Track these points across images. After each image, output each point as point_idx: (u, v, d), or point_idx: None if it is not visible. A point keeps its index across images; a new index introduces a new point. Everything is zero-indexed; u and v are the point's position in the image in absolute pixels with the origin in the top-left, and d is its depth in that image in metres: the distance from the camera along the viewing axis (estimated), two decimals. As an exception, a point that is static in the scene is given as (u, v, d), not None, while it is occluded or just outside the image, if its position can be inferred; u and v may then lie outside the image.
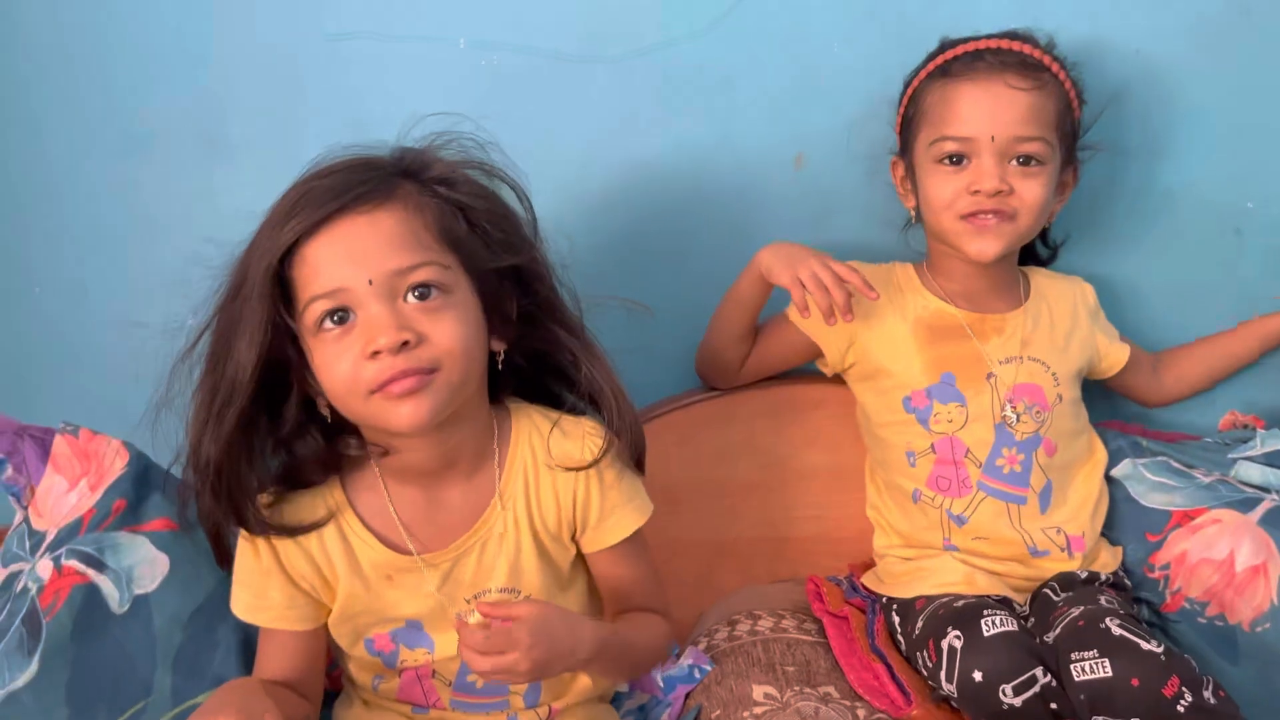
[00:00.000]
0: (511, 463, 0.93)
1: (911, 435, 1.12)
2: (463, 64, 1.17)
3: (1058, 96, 1.06)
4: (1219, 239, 1.25)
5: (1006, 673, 0.90)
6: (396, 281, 0.82)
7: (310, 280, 0.83)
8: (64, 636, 0.92)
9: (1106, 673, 0.89)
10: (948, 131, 1.06)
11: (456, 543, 0.92)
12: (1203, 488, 1.13)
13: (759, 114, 1.21)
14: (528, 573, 0.93)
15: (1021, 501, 1.10)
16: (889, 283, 1.15)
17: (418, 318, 0.83)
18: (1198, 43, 1.19)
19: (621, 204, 1.22)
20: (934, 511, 1.12)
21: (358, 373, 0.82)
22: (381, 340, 0.81)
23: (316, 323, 0.83)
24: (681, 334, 1.24)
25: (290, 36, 1.16)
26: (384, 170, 0.86)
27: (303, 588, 0.91)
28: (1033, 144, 1.04)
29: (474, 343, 0.86)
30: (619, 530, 0.95)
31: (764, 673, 1.02)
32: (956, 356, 1.11)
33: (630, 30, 1.18)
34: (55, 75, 1.16)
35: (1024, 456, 1.10)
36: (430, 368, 0.82)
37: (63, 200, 1.18)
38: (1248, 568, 1.06)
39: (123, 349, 1.18)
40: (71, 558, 0.95)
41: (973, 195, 1.05)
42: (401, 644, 0.94)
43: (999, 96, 1.04)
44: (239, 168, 1.18)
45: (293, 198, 0.84)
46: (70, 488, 0.99)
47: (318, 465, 0.91)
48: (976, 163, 1.05)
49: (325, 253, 0.82)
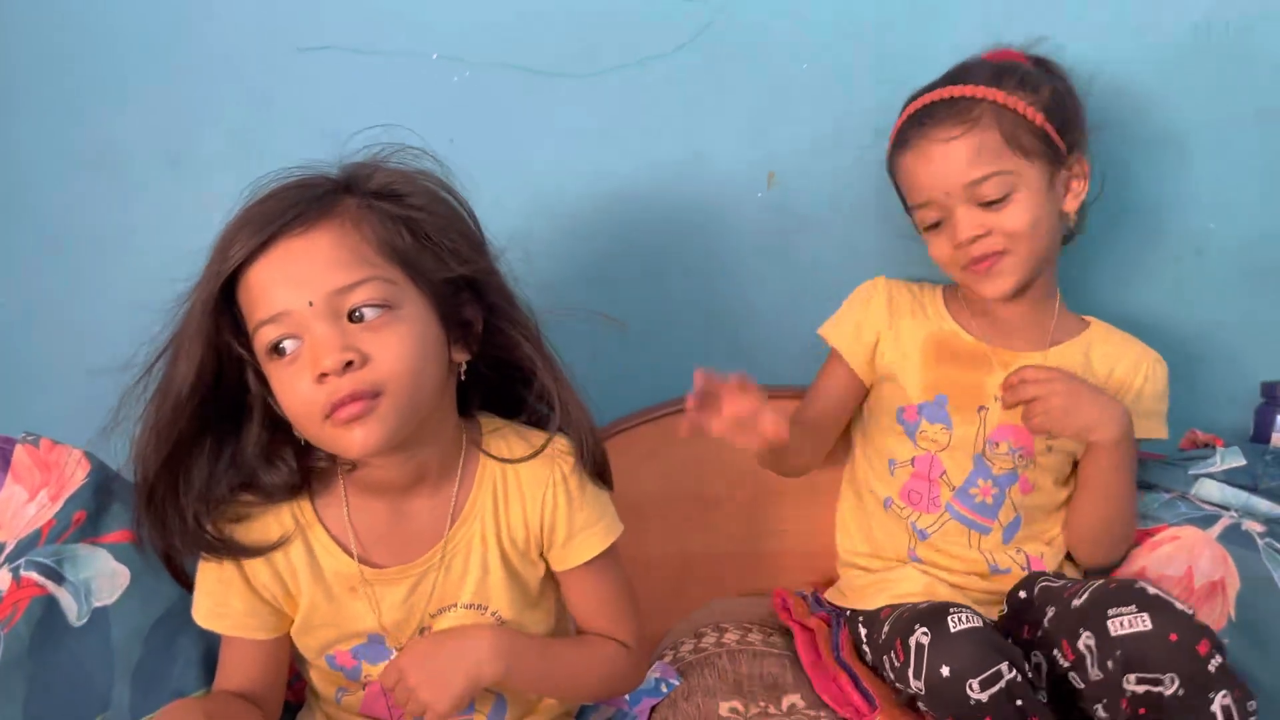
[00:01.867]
0: (480, 478, 0.93)
1: (896, 445, 1.14)
2: (435, 78, 1.18)
3: (1000, 122, 1.06)
4: (1180, 259, 1.27)
5: (973, 668, 0.91)
6: (337, 301, 0.81)
7: (254, 306, 0.82)
8: (22, 649, 0.91)
9: (1146, 626, 0.90)
10: (913, 200, 1.11)
11: (423, 557, 0.91)
12: (1163, 505, 1.14)
13: (730, 132, 1.22)
14: (495, 589, 0.92)
15: (985, 531, 1.11)
16: (915, 298, 1.18)
17: (362, 337, 0.81)
18: (1160, 65, 1.21)
19: (593, 220, 1.23)
20: (900, 522, 1.13)
21: (311, 398, 0.81)
22: (326, 362, 0.80)
23: (266, 350, 0.83)
24: (652, 348, 1.25)
25: (259, 49, 1.16)
26: (322, 188, 0.85)
27: (264, 597, 0.90)
28: (985, 183, 1.06)
29: (425, 359, 0.84)
30: (586, 550, 0.94)
31: (730, 687, 1.03)
32: (955, 381, 1.12)
33: (602, 47, 1.19)
34: (16, 86, 1.15)
35: (998, 490, 1.11)
36: (374, 391, 0.81)
37: (23, 213, 1.17)
38: (1206, 583, 1.08)
39: (81, 361, 1.18)
40: (30, 569, 0.94)
41: (959, 249, 1.08)
42: (364, 660, 0.93)
43: (935, 155, 1.07)
44: (204, 182, 1.17)
45: (235, 224, 0.83)
46: (30, 498, 0.98)
47: (286, 486, 0.90)
48: (950, 219, 1.08)
49: (265, 277, 0.82)
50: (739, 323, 1.28)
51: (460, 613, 0.92)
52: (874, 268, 1.24)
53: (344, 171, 0.87)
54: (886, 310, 1.17)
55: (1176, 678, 0.88)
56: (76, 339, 1.19)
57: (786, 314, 1.26)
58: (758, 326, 1.28)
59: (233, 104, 1.17)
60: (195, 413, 0.84)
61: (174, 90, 1.16)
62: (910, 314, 1.17)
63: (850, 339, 1.17)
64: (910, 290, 1.19)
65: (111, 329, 1.16)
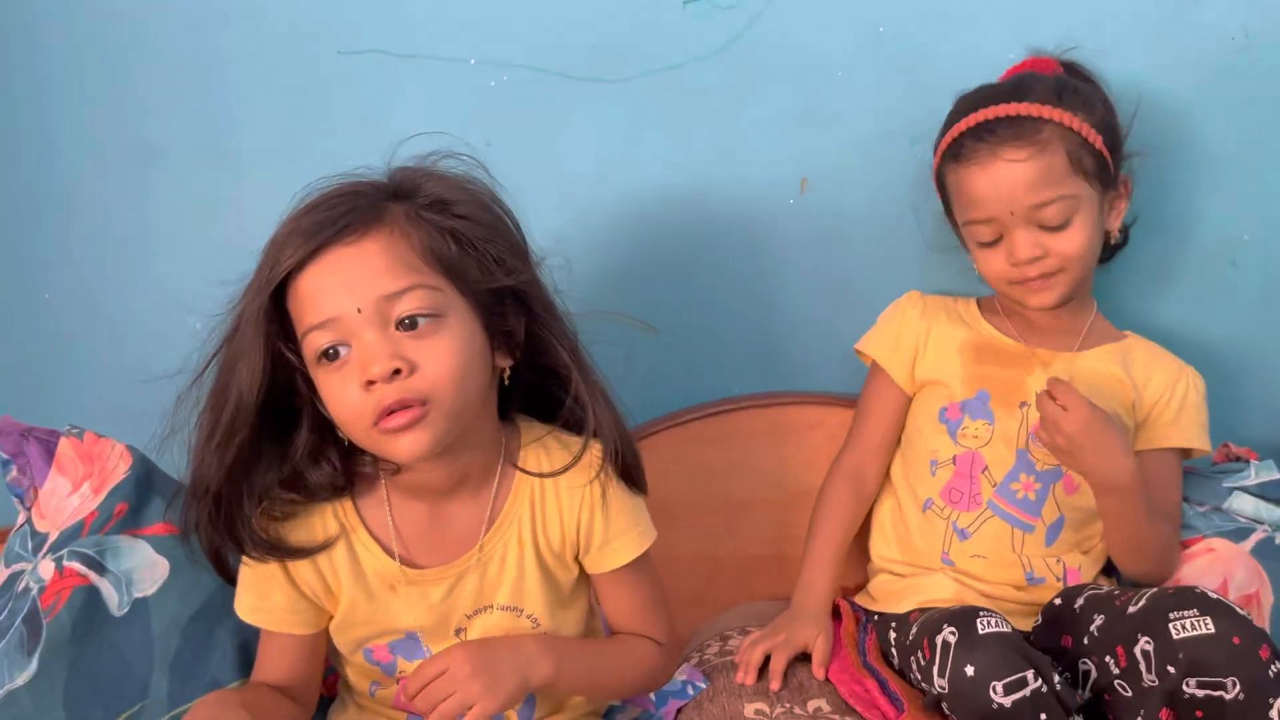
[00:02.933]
0: (518, 483, 0.94)
1: (938, 444, 1.14)
2: (472, 82, 1.19)
3: (1065, 145, 1.06)
4: (1214, 272, 1.26)
5: (998, 671, 0.90)
6: (386, 308, 0.83)
7: (304, 312, 0.84)
8: (63, 637, 0.93)
9: (1209, 629, 0.90)
10: (973, 215, 1.10)
11: (461, 559, 0.92)
12: (1197, 517, 1.13)
13: (764, 138, 1.22)
14: (530, 591, 0.93)
15: (1029, 529, 1.10)
16: (951, 308, 1.19)
17: (410, 345, 0.83)
18: (1195, 76, 1.20)
19: (627, 223, 1.24)
20: (940, 523, 1.13)
21: (360, 404, 0.82)
22: (374, 369, 0.81)
23: (315, 356, 0.84)
24: (683, 352, 1.25)
25: (303, 52, 1.17)
26: (372, 196, 0.86)
27: (306, 594, 0.92)
28: (1049, 207, 1.06)
29: (471, 367, 0.86)
30: (621, 556, 0.95)
31: (755, 690, 1.03)
32: (996, 378, 1.13)
33: (639, 52, 1.19)
34: (69, 87, 1.17)
35: (1040, 486, 1.10)
36: (422, 399, 0.82)
37: (74, 209, 1.19)
38: (1240, 596, 1.07)
39: (129, 356, 1.21)
40: (73, 559, 0.96)
41: (1014, 267, 1.09)
42: (400, 655, 0.94)
43: (1002, 175, 1.06)
44: (249, 181, 1.19)
45: (285, 232, 0.85)
46: (73, 490, 1.00)
47: (330, 486, 0.91)
48: (1008, 237, 1.08)
49: (315, 284, 0.83)
50: (770, 328, 1.28)
51: (496, 614, 0.93)
52: (907, 274, 1.24)
53: (392, 179, 0.88)
54: (922, 319, 1.17)
55: (1238, 681, 0.88)
56: (121, 333, 1.21)
57: (818, 320, 1.27)
58: (789, 332, 1.28)
59: (274, 104, 1.18)
60: (257, 419, 0.85)
61: (217, 90, 1.18)
62: (948, 320, 1.17)
63: (889, 350, 1.17)
64: (944, 302, 1.20)
65: (154, 325, 1.20)
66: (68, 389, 1.22)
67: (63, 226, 1.20)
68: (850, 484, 1.17)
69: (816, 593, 1.12)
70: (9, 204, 1.19)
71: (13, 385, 1.21)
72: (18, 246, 1.20)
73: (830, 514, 1.16)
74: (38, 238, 1.20)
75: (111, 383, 1.20)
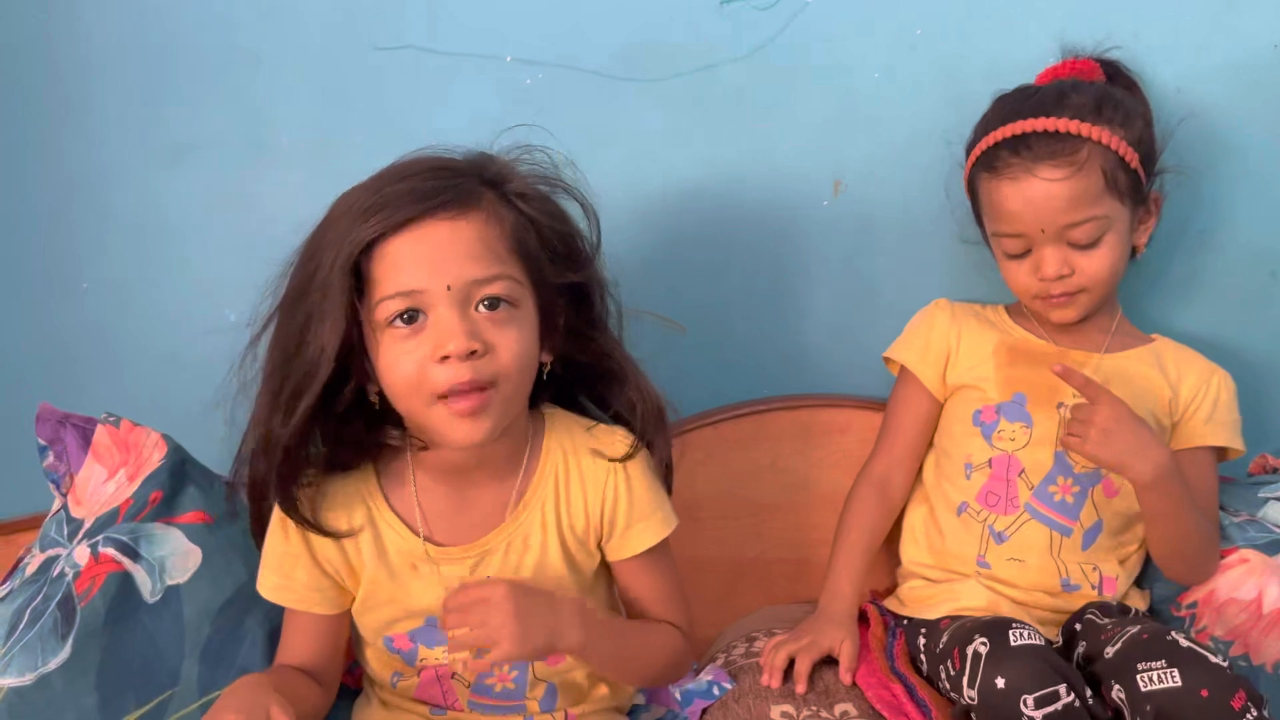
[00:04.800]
0: (543, 466, 0.95)
1: (973, 448, 1.13)
2: (507, 80, 1.19)
3: (1102, 164, 1.05)
4: (1252, 281, 1.25)
5: (1030, 684, 0.90)
6: (472, 290, 0.85)
7: (387, 277, 0.84)
8: (97, 622, 0.94)
9: (1176, 682, 0.89)
10: (1002, 229, 1.09)
11: (483, 539, 0.93)
12: (1231, 526, 1.12)
13: (798, 139, 1.22)
14: (553, 575, 0.94)
15: (1066, 533, 1.09)
16: (979, 314, 1.18)
17: (487, 328, 0.85)
18: (1238, 84, 1.19)
19: (659, 223, 1.24)
20: (976, 526, 1.11)
21: (424, 375, 0.84)
22: (451, 346, 0.83)
23: (387, 319, 0.85)
24: (712, 352, 1.25)
25: (339, 47, 1.18)
26: (468, 177, 0.88)
27: (328, 571, 0.93)
28: (1082, 227, 1.05)
29: (532, 357, 0.89)
30: (643, 540, 0.96)
31: (782, 692, 1.03)
32: (1032, 380, 1.12)
33: (674, 52, 1.20)
34: (106, 81, 1.18)
35: (1079, 489, 1.09)
36: (490, 382, 0.84)
37: (112, 202, 1.21)
38: (1275, 609, 1.05)
39: (165, 347, 1.22)
40: (108, 545, 0.97)
41: (1041, 281, 1.08)
42: (420, 643, 0.95)
43: (1037, 193, 1.05)
44: (282, 175, 1.20)
45: (376, 193, 0.85)
46: (109, 477, 1.01)
47: (355, 450, 0.92)
48: (1037, 252, 1.08)
49: (407, 253, 0.84)
50: (800, 330, 1.28)
51: None
52: (939, 278, 1.23)
53: (482, 164, 0.90)
54: (952, 324, 1.17)
55: None
56: (156, 325, 1.22)
57: (849, 323, 1.26)
58: (819, 334, 1.27)
59: (311, 100, 1.19)
60: (330, 374, 0.84)
61: (252, 85, 1.19)
62: (977, 326, 1.17)
63: (919, 356, 1.17)
64: (972, 308, 1.19)
65: (190, 316, 1.21)
66: (105, 377, 1.23)
67: (100, 218, 1.21)
68: (877, 490, 1.17)
69: (843, 597, 1.12)
70: (50, 196, 1.20)
71: (51, 373, 1.22)
72: (58, 238, 1.22)
73: (857, 521, 1.16)
74: (77, 230, 1.21)
75: (148, 372, 1.22)
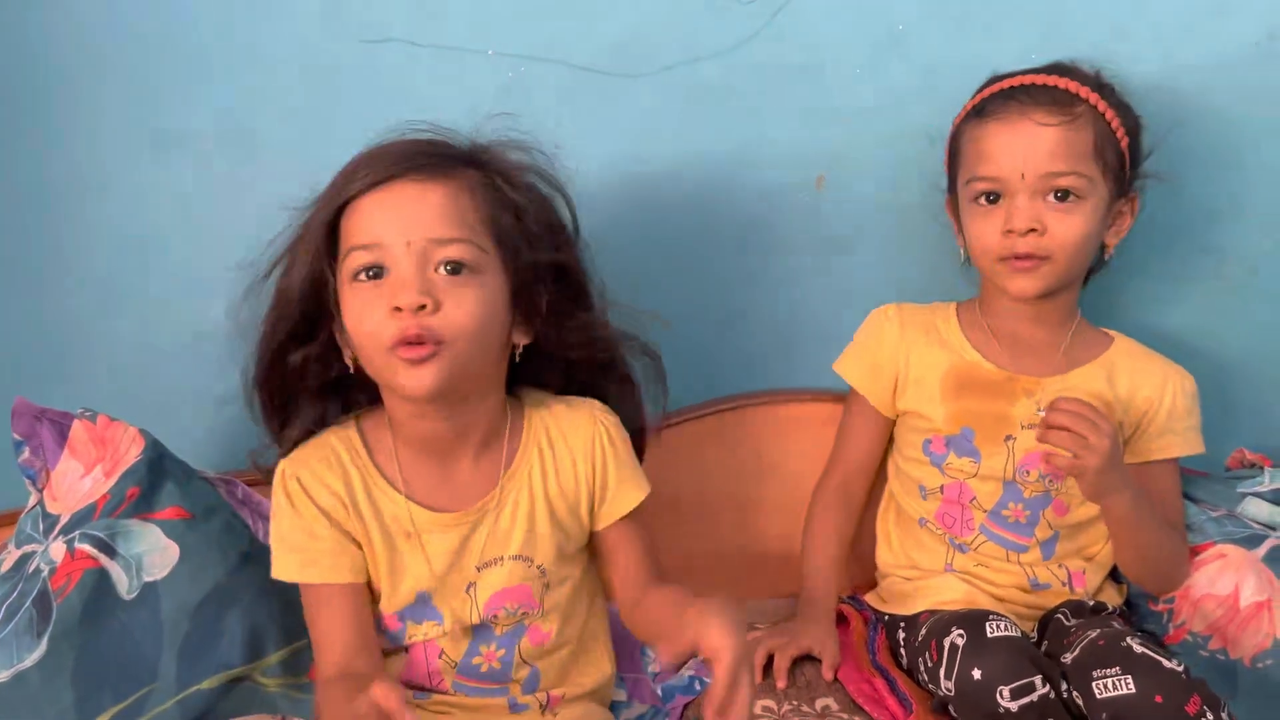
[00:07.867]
0: (526, 436, 0.98)
1: (924, 474, 1.13)
2: (490, 73, 1.19)
3: (1095, 128, 1.04)
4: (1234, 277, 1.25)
5: (1005, 675, 0.90)
6: (432, 250, 0.88)
7: (354, 230, 0.89)
8: (73, 619, 0.93)
9: (1129, 689, 0.89)
10: (980, 171, 1.07)
11: (474, 507, 0.95)
12: (1209, 521, 1.13)
13: (782, 134, 1.22)
14: (541, 542, 0.96)
15: (1023, 550, 1.10)
16: (930, 324, 1.16)
17: (441, 287, 0.87)
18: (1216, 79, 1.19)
19: (642, 218, 1.23)
20: (939, 536, 1.13)
21: (382, 326, 0.87)
22: (403, 297, 0.86)
23: (353, 273, 0.89)
24: (696, 347, 1.25)
25: (327, 40, 1.18)
26: (451, 153, 0.92)
27: (345, 529, 0.93)
28: (1066, 178, 1.03)
29: (489, 326, 0.90)
30: (631, 497, 0.99)
31: (762, 686, 1.03)
32: (980, 414, 1.10)
33: (657, 47, 1.19)
34: (90, 73, 1.17)
35: (1030, 512, 1.10)
36: (437, 338, 0.87)
37: (95, 197, 1.19)
38: (1252, 603, 1.06)
39: (147, 344, 1.21)
40: (84, 542, 0.96)
41: (1007, 236, 1.05)
42: (409, 620, 0.95)
43: (1027, 134, 1.03)
44: (269, 168, 1.19)
45: (362, 159, 0.91)
46: (85, 473, 1.00)
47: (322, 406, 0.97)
48: (1010, 202, 1.05)
49: (375, 209, 0.89)
50: (783, 324, 1.28)
51: (509, 564, 0.95)
52: (921, 272, 1.23)
53: (475, 150, 0.94)
54: (900, 342, 1.15)
55: None
56: (137, 318, 1.21)
57: (832, 317, 1.26)
58: (802, 328, 1.27)
59: (298, 91, 1.18)
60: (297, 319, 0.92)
61: (239, 77, 1.18)
62: (927, 343, 1.14)
63: (868, 377, 1.16)
64: (923, 315, 1.16)
65: (176, 310, 1.20)
66: (82, 372, 1.22)
67: (85, 214, 1.19)
68: (839, 499, 1.18)
69: (818, 599, 1.12)
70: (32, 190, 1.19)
71: (30, 369, 1.21)
72: (40, 234, 1.20)
73: (822, 529, 1.17)
74: (60, 226, 1.20)
75: (126, 367, 1.20)
